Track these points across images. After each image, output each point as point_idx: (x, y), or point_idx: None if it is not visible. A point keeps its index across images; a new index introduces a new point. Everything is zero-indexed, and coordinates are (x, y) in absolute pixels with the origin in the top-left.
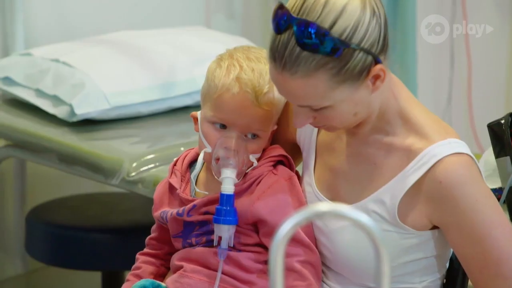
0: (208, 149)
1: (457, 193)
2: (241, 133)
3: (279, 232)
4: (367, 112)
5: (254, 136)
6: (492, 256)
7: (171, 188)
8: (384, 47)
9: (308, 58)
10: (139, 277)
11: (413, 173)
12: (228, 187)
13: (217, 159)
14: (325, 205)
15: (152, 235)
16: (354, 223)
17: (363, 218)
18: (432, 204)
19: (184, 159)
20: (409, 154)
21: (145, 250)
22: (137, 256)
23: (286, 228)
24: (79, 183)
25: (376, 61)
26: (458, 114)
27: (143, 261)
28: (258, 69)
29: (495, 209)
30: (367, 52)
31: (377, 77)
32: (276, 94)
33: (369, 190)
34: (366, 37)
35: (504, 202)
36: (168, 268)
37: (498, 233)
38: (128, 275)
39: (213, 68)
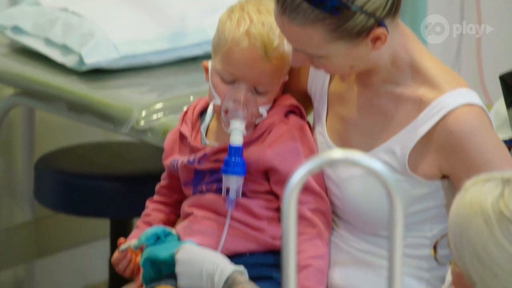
0: (218, 101)
1: (468, 143)
2: (251, 85)
3: (292, 179)
4: (366, 66)
5: (264, 89)
6: None
7: (182, 137)
8: (391, 11)
9: (307, 10)
10: (149, 224)
11: (424, 123)
12: (236, 139)
13: (226, 111)
14: (339, 153)
15: (162, 183)
16: (368, 170)
17: (377, 165)
18: (442, 154)
19: (194, 108)
20: (420, 105)
21: (155, 197)
22: (147, 203)
23: (299, 175)
24: (88, 132)
25: (379, 24)
26: (467, 66)
27: (153, 209)
28: (269, 22)
29: (506, 160)
30: (370, 15)
31: (377, 38)
32: (286, 47)
33: (379, 141)
34: (371, 1)
35: None
36: (178, 216)
37: None
38: (138, 222)
39: (223, 20)
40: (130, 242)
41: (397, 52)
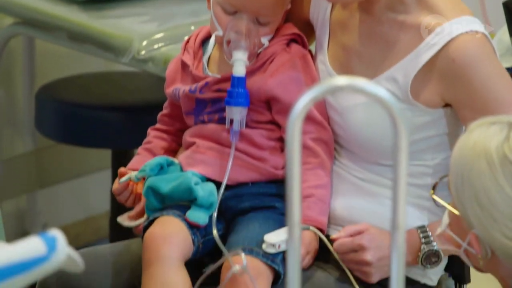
0: (219, 32)
1: (471, 71)
2: (253, 16)
3: (296, 107)
4: None
5: (265, 20)
6: None
7: (184, 66)
8: None
9: None
10: (150, 151)
11: (426, 51)
12: (239, 69)
13: (228, 42)
14: (342, 80)
15: (164, 111)
16: (372, 97)
17: (381, 92)
18: (445, 82)
19: (196, 37)
20: (423, 32)
21: (157, 125)
22: (149, 131)
23: (303, 103)
24: (89, 62)
25: None
26: None
27: (154, 136)
28: None
29: (509, 87)
30: None
31: None
32: None
33: (382, 69)
34: None
35: None
36: (179, 144)
37: (511, 111)
38: (139, 149)
39: None
40: (131, 174)
41: None
